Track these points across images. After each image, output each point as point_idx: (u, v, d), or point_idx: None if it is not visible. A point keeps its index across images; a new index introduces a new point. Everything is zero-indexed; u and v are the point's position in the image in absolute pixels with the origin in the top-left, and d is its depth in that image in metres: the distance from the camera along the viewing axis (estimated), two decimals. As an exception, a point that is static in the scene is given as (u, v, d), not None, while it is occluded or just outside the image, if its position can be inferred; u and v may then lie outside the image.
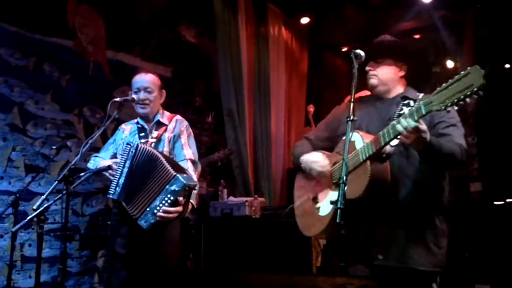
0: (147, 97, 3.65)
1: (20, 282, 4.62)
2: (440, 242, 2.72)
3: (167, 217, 3.23)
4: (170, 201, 3.21)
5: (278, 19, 7.38)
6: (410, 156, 2.68)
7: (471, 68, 2.16)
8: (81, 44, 5.37)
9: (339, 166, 2.75)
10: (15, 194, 4.42)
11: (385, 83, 2.90)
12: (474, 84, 2.11)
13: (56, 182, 3.06)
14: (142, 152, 3.38)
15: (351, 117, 2.46)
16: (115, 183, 3.39)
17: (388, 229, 2.66)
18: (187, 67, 6.65)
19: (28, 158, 4.82)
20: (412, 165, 2.69)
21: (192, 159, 3.68)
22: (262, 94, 6.86)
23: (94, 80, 5.45)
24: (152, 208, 3.24)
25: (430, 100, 2.29)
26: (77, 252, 5.11)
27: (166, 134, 3.70)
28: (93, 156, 3.87)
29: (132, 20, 5.88)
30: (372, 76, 2.91)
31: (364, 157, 2.54)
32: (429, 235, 2.68)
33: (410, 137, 2.37)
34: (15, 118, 4.78)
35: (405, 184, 2.68)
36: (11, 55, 4.79)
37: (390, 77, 2.90)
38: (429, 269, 2.66)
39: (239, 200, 5.61)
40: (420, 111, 2.33)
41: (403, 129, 2.35)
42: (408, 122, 2.34)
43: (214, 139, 6.66)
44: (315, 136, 3.16)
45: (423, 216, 2.69)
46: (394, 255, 2.65)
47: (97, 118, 5.39)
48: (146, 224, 3.26)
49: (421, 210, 2.69)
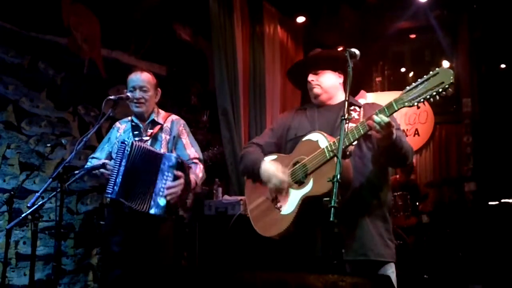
0: (142, 96, 3.64)
1: (15, 280, 4.61)
2: (391, 235, 2.90)
3: (174, 193, 3.36)
4: (170, 178, 3.35)
5: (274, 18, 7.37)
6: (364, 156, 2.85)
7: (440, 69, 2.40)
8: (76, 42, 5.37)
9: (300, 166, 2.81)
10: (10, 192, 4.42)
11: (327, 90, 3.06)
12: (445, 82, 2.33)
13: (50, 180, 3.06)
14: (137, 149, 3.40)
15: (345, 116, 2.51)
16: (112, 182, 3.39)
17: (345, 224, 2.71)
18: (182, 66, 6.65)
19: (22, 156, 4.82)
20: (365, 164, 2.85)
21: (197, 157, 3.75)
22: (257, 93, 6.87)
23: (89, 78, 5.45)
24: (157, 192, 3.34)
25: (401, 98, 2.48)
26: (72, 250, 5.11)
27: (162, 135, 3.70)
28: (89, 157, 3.86)
29: (127, 19, 5.87)
30: (315, 86, 3.07)
31: (331, 154, 2.62)
32: (383, 229, 2.84)
33: (382, 132, 2.52)
34: (10, 116, 4.78)
35: (360, 182, 2.81)
36: (6, 53, 4.78)
37: (331, 85, 3.07)
38: (388, 260, 2.81)
39: (234, 199, 5.62)
40: (392, 107, 2.51)
41: (377, 124, 2.49)
42: (381, 117, 2.49)
43: (209, 138, 6.66)
44: (265, 142, 3.20)
45: (377, 212, 2.85)
46: (354, 249, 2.74)
47: (91, 116, 5.39)
48: (158, 210, 3.34)
49: (375, 207, 2.85)
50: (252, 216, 3.09)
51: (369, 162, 2.85)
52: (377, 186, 2.87)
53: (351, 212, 2.75)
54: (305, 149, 2.81)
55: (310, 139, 2.81)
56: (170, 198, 3.34)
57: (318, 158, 2.70)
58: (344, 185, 2.58)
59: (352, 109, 2.89)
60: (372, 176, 2.84)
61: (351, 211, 2.75)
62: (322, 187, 2.56)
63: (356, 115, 2.89)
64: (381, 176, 2.91)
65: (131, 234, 3.48)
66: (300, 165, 2.81)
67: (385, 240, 2.82)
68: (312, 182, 2.71)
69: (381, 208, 2.87)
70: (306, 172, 2.76)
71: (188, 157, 3.69)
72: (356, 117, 2.87)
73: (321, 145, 2.71)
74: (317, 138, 2.77)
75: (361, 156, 2.85)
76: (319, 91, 3.06)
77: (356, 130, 2.61)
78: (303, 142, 2.86)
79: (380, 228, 2.82)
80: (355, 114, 2.88)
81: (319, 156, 2.70)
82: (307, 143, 2.83)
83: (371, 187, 2.84)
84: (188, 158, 3.68)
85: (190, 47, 6.87)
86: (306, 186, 2.74)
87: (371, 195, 2.84)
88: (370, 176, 2.84)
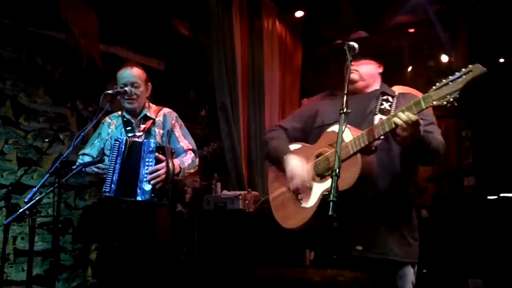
0: (134, 92, 3.65)
1: (13, 275, 4.60)
2: (415, 234, 2.80)
3: (156, 176, 3.38)
4: (152, 162, 3.40)
5: (272, 13, 7.37)
6: (391, 150, 2.73)
7: (472, 66, 2.24)
8: (73, 37, 5.35)
9: (323, 159, 2.74)
10: (8, 187, 4.43)
11: (364, 78, 2.94)
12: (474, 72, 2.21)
13: (47, 175, 3.06)
14: (130, 146, 3.42)
15: (344, 110, 2.45)
16: (109, 180, 3.42)
17: (366, 221, 2.68)
18: (181, 61, 6.64)
19: (20, 151, 4.80)
20: (392, 159, 2.74)
21: (191, 148, 3.77)
22: (256, 88, 6.86)
23: (87, 73, 5.43)
24: (141, 179, 3.38)
25: (429, 95, 2.34)
26: (70, 245, 5.10)
27: (156, 129, 3.71)
28: (80, 153, 3.86)
29: (125, 13, 5.85)
30: (354, 71, 2.92)
31: (355, 150, 2.54)
32: (406, 228, 2.75)
33: (408, 130, 2.41)
34: (8, 111, 4.76)
35: (384, 178, 2.70)
36: (3, 48, 4.76)
37: (370, 73, 2.96)
38: (408, 260, 2.73)
39: (233, 194, 5.62)
40: (419, 105, 2.38)
41: (403, 122, 2.39)
42: (408, 115, 2.38)
43: (208, 132, 6.65)
44: (291, 126, 3.12)
45: (401, 210, 2.76)
46: (373, 247, 2.68)
47: (90, 111, 5.37)
48: (144, 195, 3.38)
49: (399, 204, 2.75)
50: (273, 205, 3.03)
51: (397, 157, 2.74)
52: (403, 183, 2.77)
53: (373, 210, 2.68)
54: (328, 141, 2.70)
55: (335, 130, 2.66)
56: (155, 182, 3.37)
57: (342, 152, 2.54)
58: (366, 181, 2.54)
59: (384, 99, 2.83)
60: (399, 173, 2.74)
61: (373, 209, 2.68)
62: (343, 183, 2.44)
63: (388, 106, 2.80)
64: (408, 173, 2.80)
65: (129, 229, 3.49)
66: (323, 157, 2.74)
67: (406, 239, 2.74)
68: None
69: (406, 206, 2.80)
70: (329, 166, 2.69)
71: (182, 149, 3.71)
72: (388, 108, 2.78)
73: (345, 139, 2.59)
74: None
75: (387, 150, 2.73)
76: (357, 77, 2.92)
77: (381, 126, 2.50)
78: (328, 133, 2.77)
79: (403, 227, 2.74)
80: (386, 105, 2.79)
81: (342, 151, 2.53)
82: (331, 134, 2.71)
83: (396, 184, 2.73)
84: (182, 150, 3.71)
85: (189, 41, 6.85)
86: (328, 180, 2.64)
87: (396, 193, 2.73)
88: (397, 172, 2.73)
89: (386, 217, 2.71)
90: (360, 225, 2.69)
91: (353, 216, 2.67)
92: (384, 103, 2.79)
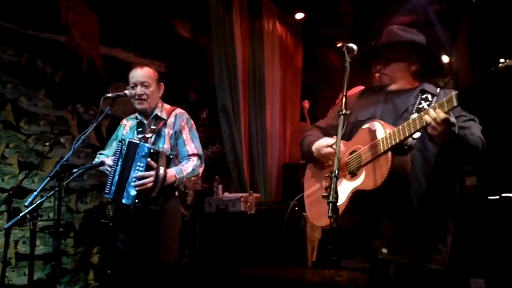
0: (144, 92, 3.60)
1: (15, 280, 4.61)
2: (447, 240, 2.68)
3: (142, 184, 3.31)
4: (142, 168, 3.33)
5: (273, 14, 7.36)
6: (426, 151, 2.62)
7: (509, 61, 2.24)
8: (74, 40, 5.35)
9: (356, 156, 2.65)
10: (9, 191, 4.43)
11: (396, 81, 2.82)
12: None
13: (48, 178, 3.05)
14: (129, 146, 3.40)
15: (343, 111, 2.41)
16: (109, 182, 3.40)
17: (395, 223, 2.59)
18: (182, 62, 6.63)
19: (21, 155, 4.80)
20: (427, 161, 2.63)
21: (196, 153, 3.67)
22: (257, 90, 6.86)
23: (87, 76, 5.43)
24: (129, 182, 3.32)
25: None
26: (72, 249, 5.10)
27: (166, 130, 3.67)
28: (98, 153, 3.85)
29: (125, 15, 5.85)
30: (384, 76, 2.85)
31: (385, 148, 2.45)
32: (438, 233, 2.64)
33: (438, 128, 2.31)
34: (8, 115, 4.77)
35: (418, 180, 2.60)
36: (4, 51, 4.77)
37: (401, 74, 2.83)
38: (435, 267, 2.62)
39: (234, 196, 5.61)
40: (451, 102, 2.28)
41: (432, 120, 2.29)
42: (438, 113, 2.28)
43: (209, 134, 6.65)
44: (327, 124, 3.04)
45: (434, 214, 2.63)
46: (401, 251, 2.58)
47: (90, 114, 5.37)
48: (129, 200, 3.33)
49: (433, 208, 2.62)
50: (307, 202, 2.97)
51: (433, 158, 2.61)
52: (439, 186, 2.63)
53: (405, 213, 2.58)
54: (362, 138, 2.63)
55: (370, 127, 2.61)
56: (139, 189, 3.31)
57: (372, 150, 2.52)
58: (398, 182, 2.46)
59: (423, 97, 2.69)
60: (435, 175, 2.61)
61: (405, 212, 2.58)
62: (372, 182, 2.41)
63: (426, 105, 2.64)
64: (446, 175, 2.66)
65: (136, 231, 3.48)
66: (356, 155, 2.65)
67: (437, 244, 2.62)
68: (364, 175, 2.55)
69: (442, 210, 2.66)
70: (360, 164, 2.60)
71: (187, 153, 3.65)
72: (426, 107, 2.61)
73: (378, 136, 2.51)
74: (376, 128, 2.57)
75: (422, 150, 2.62)
76: (388, 81, 2.83)
77: (413, 124, 2.38)
78: (362, 130, 2.67)
79: (435, 232, 2.62)
80: (425, 104, 2.63)
81: (374, 148, 2.52)
82: (365, 131, 2.64)
83: (432, 187, 2.61)
84: (186, 154, 3.64)
85: (190, 43, 6.85)
86: (358, 178, 2.58)
87: (429, 194, 2.61)
88: (433, 174, 2.61)
89: (417, 220, 2.60)
90: (390, 228, 2.61)
91: (383, 218, 2.62)
92: (422, 102, 2.66)
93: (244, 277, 1.96)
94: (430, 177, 2.61)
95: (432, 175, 2.61)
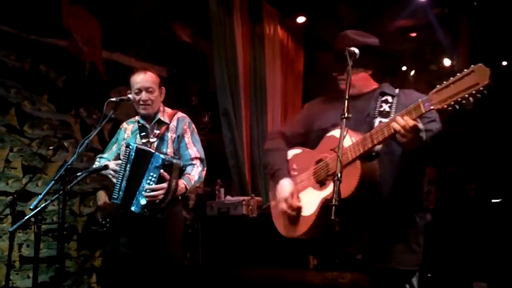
0: (149, 98, 3.58)
1: (18, 283, 4.62)
2: (420, 240, 2.65)
3: (154, 196, 3.29)
4: (154, 178, 3.29)
5: (274, 18, 7.39)
6: (392, 154, 2.57)
7: (475, 66, 2.10)
8: (76, 44, 5.38)
9: (323, 165, 2.60)
10: (13, 194, 4.44)
11: (354, 85, 2.73)
12: (480, 83, 2.04)
13: (52, 182, 3.06)
14: (140, 153, 3.38)
15: (346, 115, 2.35)
16: (118, 187, 3.39)
17: (368, 229, 2.56)
18: (183, 67, 6.66)
19: (25, 159, 4.83)
20: (394, 164, 2.58)
21: (198, 156, 3.65)
22: (258, 94, 6.87)
23: (90, 81, 5.46)
24: (140, 191, 3.30)
25: (430, 98, 2.19)
26: (75, 252, 5.12)
27: (168, 134, 3.66)
28: (98, 157, 3.85)
29: (127, 20, 5.88)
30: (341, 81, 2.80)
31: (353, 156, 2.41)
32: (411, 234, 2.61)
33: (407, 136, 2.27)
34: (12, 119, 4.80)
35: (387, 183, 2.55)
36: (7, 56, 4.79)
37: (359, 78, 2.79)
38: (411, 268, 2.60)
39: (236, 200, 5.63)
40: (419, 109, 2.24)
41: (401, 128, 2.25)
42: (406, 120, 2.24)
43: (210, 138, 6.67)
44: (291, 132, 3.00)
45: (405, 215, 2.60)
46: (375, 256, 2.55)
47: (93, 118, 5.39)
48: (138, 208, 3.31)
49: (403, 209, 2.59)
50: (274, 213, 2.91)
51: (399, 159, 2.57)
52: (407, 188, 2.59)
53: (375, 217, 2.54)
54: (329, 146, 2.51)
55: (334, 135, 2.53)
56: (150, 200, 3.30)
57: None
58: (368, 188, 2.41)
59: (383, 100, 2.66)
60: (402, 177, 2.57)
61: (376, 216, 2.54)
62: (342, 191, 2.28)
63: (388, 107, 2.62)
64: (413, 176, 2.62)
65: (139, 235, 3.48)
66: (323, 163, 2.60)
67: (410, 245, 2.58)
68: (332, 184, 2.38)
69: (411, 212, 2.62)
70: (328, 172, 2.55)
71: (189, 156, 3.65)
72: (387, 109, 2.61)
73: (345, 144, 2.42)
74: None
75: (389, 154, 2.56)
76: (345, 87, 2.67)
77: (381, 132, 2.35)
78: (328, 137, 2.62)
79: (406, 233, 2.58)
80: (386, 107, 2.61)
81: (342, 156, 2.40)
82: (332, 139, 2.57)
83: (400, 189, 2.57)
84: (189, 157, 3.65)
85: (190, 47, 6.88)
86: (327, 188, 2.53)
87: (398, 196, 2.56)
88: (398, 175, 2.56)
89: (390, 224, 2.56)
90: (363, 234, 2.58)
91: (355, 224, 2.57)
92: (383, 105, 2.63)
93: (246, 280, 1.97)
94: (398, 179, 2.57)
95: (400, 177, 2.58)
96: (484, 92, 2.05)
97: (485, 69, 2.06)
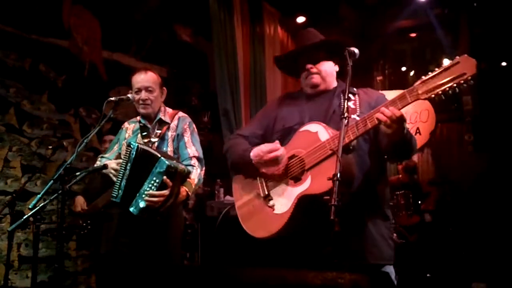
0: (148, 97, 3.58)
1: (17, 282, 4.62)
2: (392, 233, 2.64)
3: (153, 202, 3.25)
4: (156, 183, 3.25)
5: (274, 18, 7.38)
6: (360, 149, 2.55)
7: (461, 57, 2.14)
8: (76, 44, 5.38)
9: (297, 161, 2.53)
10: (12, 194, 4.44)
11: (325, 80, 2.75)
12: (468, 73, 2.09)
13: (51, 181, 3.05)
14: (142, 153, 3.37)
15: (345, 115, 2.29)
16: (117, 186, 3.38)
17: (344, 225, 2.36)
18: (183, 67, 6.66)
19: (24, 158, 4.83)
20: (362, 159, 2.56)
21: (196, 155, 3.63)
22: (258, 94, 6.87)
23: (89, 81, 5.46)
24: (141, 193, 3.27)
25: (415, 89, 2.22)
26: (74, 252, 5.11)
27: (169, 133, 3.65)
28: (99, 156, 3.84)
29: (127, 20, 5.88)
30: (315, 75, 2.74)
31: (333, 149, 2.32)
32: (384, 228, 2.57)
33: (392, 126, 2.26)
34: (11, 119, 4.80)
35: (358, 178, 2.50)
36: (7, 56, 4.79)
37: (330, 73, 2.78)
38: (388, 263, 2.56)
39: (236, 199, 5.61)
40: (405, 99, 2.25)
41: (388, 118, 2.23)
42: (392, 110, 2.23)
43: (210, 138, 6.66)
44: (251, 133, 2.91)
45: (377, 210, 2.59)
46: (352, 253, 2.45)
47: (93, 118, 5.40)
48: (136, 210, 3.28)
49: (375, 204, 2.58)
50: (240, 213, 2.82)
51: (366, 155, 2.57)
52: (375, 181, 2.58)
53: (349, 212, 2.41)
54: (302, 142, 2.51)
55: (309, 130, 2.51)
56: (149, 204, 3.26)
57: (317, 153, 2.41)
58: (346, 183, 2.31)
59: (346, 97, 2.51)
60: (370, 171, 2.55)
61: (349, 211, 2.41)
62: (322, 186, 2.27)
63: (352, 104, 2.60)
64: (379, 171, 2.62)
65: (139, 235, 3.47)
66: (297, 159, 2.53)
67: (386, 240, 2.54)
68: (310, 179, 2.42)
69: (381, 205, 2.60)
70: (304, 168, 2.47)
71: (188, 155, 3.64)
72: (352, 106, 2.58)
73: (321, 138, 2.41)
74: (317, 130, 2.47)
75: (357, 149, 2.51)
76: (319, 80, 2.73)
77: (363, 123, 2.33)
78: (300, 133, 2.56)
79: (381, 228, 2.55)
80: (350, 103, 2.56)
81: (318, 151, 2.41)
82: (305, 134, 2.53)
83: (369, 183, 2.55)
84: (187, 156, 3.64)
85: (191, 48, 6.88)
86: (304, 183, 2.45)
87: (370, 192, 2.55)
88: (369, 171, 2.55)
89: (363, 219, 2.53)
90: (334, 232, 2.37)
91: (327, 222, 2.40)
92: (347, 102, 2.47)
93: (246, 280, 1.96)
94: (367, 175, 2.54)
95: (369, 172, 2.55)
96: (471, 82, 2.09)
97: (471, 60, 2.11)
